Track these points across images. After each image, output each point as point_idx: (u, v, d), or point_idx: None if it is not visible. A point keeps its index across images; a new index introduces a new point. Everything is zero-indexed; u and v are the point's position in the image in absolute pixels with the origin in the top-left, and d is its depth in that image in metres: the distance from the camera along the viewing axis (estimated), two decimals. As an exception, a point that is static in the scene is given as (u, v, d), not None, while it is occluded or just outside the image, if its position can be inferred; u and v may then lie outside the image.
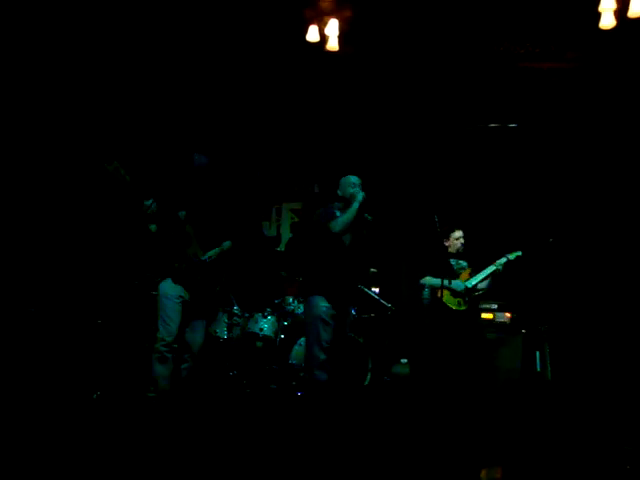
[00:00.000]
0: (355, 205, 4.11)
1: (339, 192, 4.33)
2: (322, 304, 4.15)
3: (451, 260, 5.37)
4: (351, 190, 4.24)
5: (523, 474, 3.34)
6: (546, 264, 5.55)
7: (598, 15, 4.51)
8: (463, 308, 5.18)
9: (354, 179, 4.34)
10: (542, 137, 6.60)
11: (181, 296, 4.15)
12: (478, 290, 5.29)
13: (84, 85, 4.99)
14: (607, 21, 4.51)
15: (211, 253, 4.26)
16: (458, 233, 5.41)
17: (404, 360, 6.20)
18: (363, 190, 4.25)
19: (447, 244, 5.39)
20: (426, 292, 5.25)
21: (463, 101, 6.45)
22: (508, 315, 5.95)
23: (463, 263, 5.43)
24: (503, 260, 5.25)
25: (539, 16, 4.81)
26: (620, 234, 6.14)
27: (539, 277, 5.48)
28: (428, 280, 5.22)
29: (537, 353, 5.62)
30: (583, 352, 5.81)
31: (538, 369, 5.58)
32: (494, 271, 5.25)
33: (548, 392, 5.26)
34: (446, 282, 4.92)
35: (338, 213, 4.21)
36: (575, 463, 3.52)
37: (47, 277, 4.62)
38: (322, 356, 4.09)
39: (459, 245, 5.38)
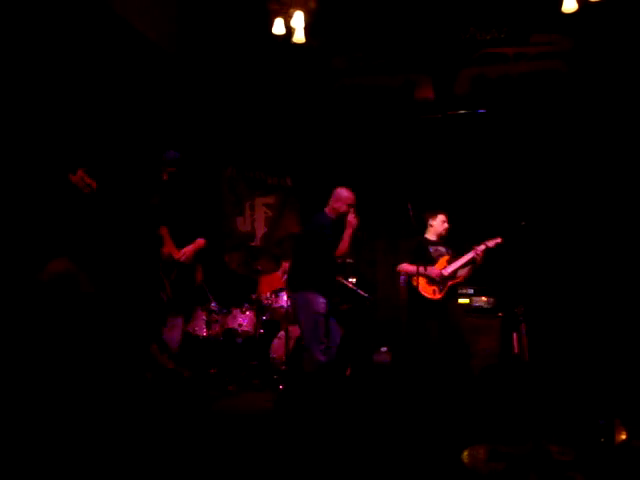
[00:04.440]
0: (349, 231, 4.57)
1: (332, 202, 4.66)
2: (320, 300, 4.54)
3: (429, 247, 5.33)
4: (344, 210, 4.60)
5: (503, 453, 3.40)
6: (519, 247, 5.59)
7: (561, -1, 4.59)
8: (438, 297, 5.14)
9: (348, 196, 4.65)
10: (511, 122, 6.66)
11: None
12: (455, 278, 5.22)
13: (43, 87, 4.84)
14: (569, 5, 4.58)
15: (185, 252, 4.24)
16: (442, 217, 5.34)
17: (384, 348, 6.24)
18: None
19: (429, 229, 5.35)
20: (402, 278, 5.27)
21: (436, 90, 6.49)
22: (484, 299, 6.01)
23: (441, 249, 5.36)
24: (482, 247, 5.17)
25: (503, 1, 4.86)
26: (593, 214, 6.23)
27: (513, 260, 5.53)
28: (404, 267, 5.23)
29: (514, 335, 5.68)
30: (559, 333, 5.91)
31: (516, 351, 5.65)
32: (472, 259, 5.19)
33: (526, 373, 5.33)
34: (422, 270, 4.96)
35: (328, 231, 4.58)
36: (553, 440, 3.59)
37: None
38: (322, 344, 4.50)
39: (442, 230, 5.31)
